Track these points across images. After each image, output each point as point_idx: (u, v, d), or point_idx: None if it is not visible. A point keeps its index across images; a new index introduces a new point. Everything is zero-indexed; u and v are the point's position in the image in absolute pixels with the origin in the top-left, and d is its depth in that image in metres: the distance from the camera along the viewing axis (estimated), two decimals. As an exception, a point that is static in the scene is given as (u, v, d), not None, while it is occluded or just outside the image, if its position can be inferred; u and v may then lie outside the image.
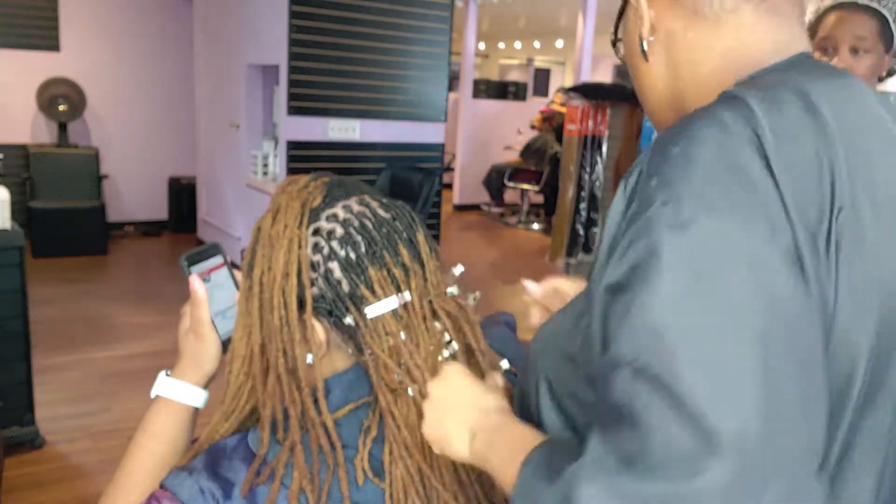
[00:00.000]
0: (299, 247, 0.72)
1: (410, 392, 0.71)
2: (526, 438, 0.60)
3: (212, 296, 0.83)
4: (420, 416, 0.71)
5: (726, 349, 0.45)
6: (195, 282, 0.81)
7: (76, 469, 2.65)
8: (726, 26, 0.63)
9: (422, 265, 0.75)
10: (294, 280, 0.71)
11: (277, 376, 0.72)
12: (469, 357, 0.76)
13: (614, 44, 0.75)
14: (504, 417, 0.65)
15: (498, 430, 0.63)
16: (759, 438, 0.43)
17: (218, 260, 0.86)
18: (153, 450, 0.78)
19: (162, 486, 0.71)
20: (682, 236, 0.48)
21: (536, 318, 0.89)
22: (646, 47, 0.66)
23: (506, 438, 0.62)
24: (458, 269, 0.78)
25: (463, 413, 0.65)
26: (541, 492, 0.51)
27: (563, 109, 5.78)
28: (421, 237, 0.76)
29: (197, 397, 0.80)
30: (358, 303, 0.72)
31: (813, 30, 1.64)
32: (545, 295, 0.89)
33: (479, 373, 0.76)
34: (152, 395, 0.80)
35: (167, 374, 0.81)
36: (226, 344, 0.82)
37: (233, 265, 0.87)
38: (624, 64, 0.74)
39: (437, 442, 0.67)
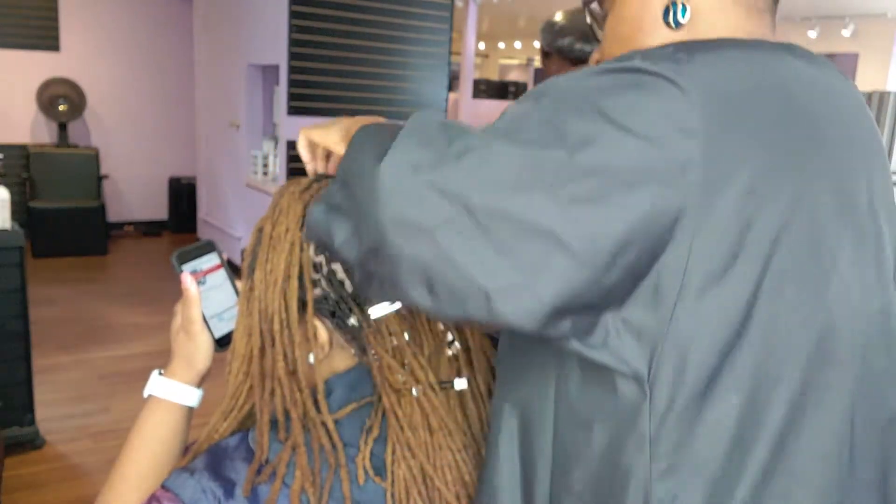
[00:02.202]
0: (301, 249, 0.72)
1: (415, 392, 0.71)
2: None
3: (208, 298, 0.82)
4: (424, 416, 0.71)
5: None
6: (187, 280, 0.81)
7: (76, 469, 2.65)
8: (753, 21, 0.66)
9: (424, 265, 0.75)
10: (295, 283, 0.71)
11: (277, 379, 0.72)
12: (468, 355, 0.76)
13: None
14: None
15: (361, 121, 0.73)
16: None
17: (214, 260, 0.85)
18: (147, 450, 0.78)
19: (164, 487, 0.71)
20: None
21: None
22: (682, 16, 0.65)
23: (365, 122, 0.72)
24: None
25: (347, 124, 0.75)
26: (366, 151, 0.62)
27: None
28: (423, 237, 0.76)
29: (190, 396, 0.80)
30: (361, 303, 0.72)
31: None
32: None
33: (476, 372, 0.76)
34: (145, 394, 0.80)
35: (160, 374, 0.81)
36: (220, 342, 0.82)
37: (230, 263, 0.87)
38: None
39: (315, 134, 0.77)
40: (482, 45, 12.76)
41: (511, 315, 0.53)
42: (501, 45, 13.11)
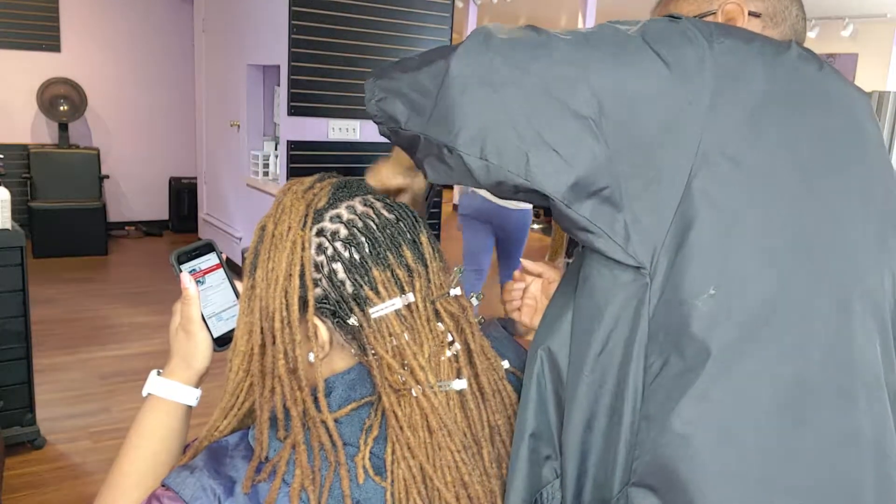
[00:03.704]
0: (302, 249, 0.72)
1: (414, 393, 0.71)
2: None
3: (206, 297, 0.82)
4: (423, 416, 0.71)
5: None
6: (186, 279, 0.81)
7: (76, 469, 2.65)
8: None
9: (425, 266, 0.75)
10: (296, 282, 0.71)
11: (278, 377, 0.72)
12: (469, 357, 0.76)
13: None
14: None
15: None
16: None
17: (213, 260, 0.85)
18: (146, 449, 0.78)
19: (164, 485, 0.71)
20: None
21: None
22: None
23: None
24: (457, 270, 0.78)
25: None
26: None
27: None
28: (424, 238, 0.76)
29: (188, 395, 0.80)
30: (362, 304, 0.72)
31: None
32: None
33: (477, 372, 0.76)
34: (144, 394, 0.80)
35: (158, 373, 0.81)
36: (219, 341, 0.82)
37: (230, 263, 0.87)
38: None
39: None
40: (482, 46, 12.77)
41: (542, 177, 0.64)
42: (502, 45, 13.12)
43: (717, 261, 0.63)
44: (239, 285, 0.84)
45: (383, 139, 0.80)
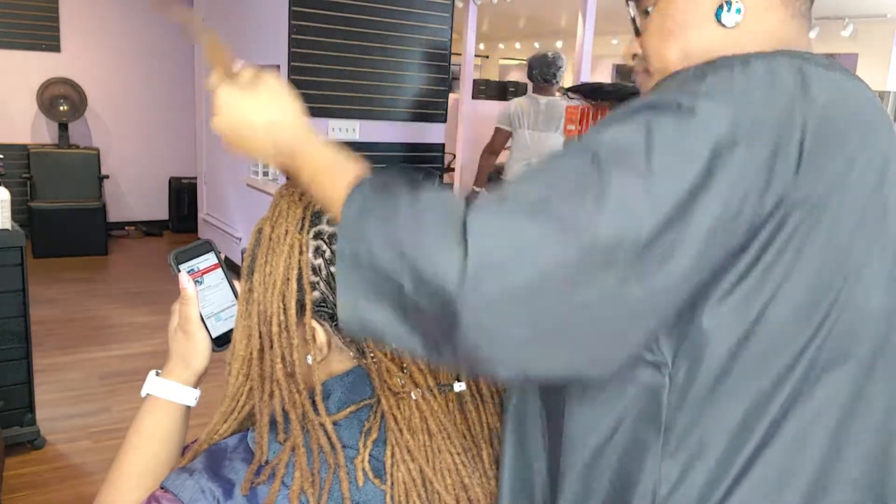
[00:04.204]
0: (300, 252, 0.72)
1: (413, 396, 0.71)
2: (337, 160, 0.67)
3: (205, 297, 0.82)
4: (422, 419, 0.71)
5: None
6: (184, 279, 0.81)
7: (76, 469, 2.65)
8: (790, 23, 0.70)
9: (423, 268, 0.75)
10: (294, 286, 0.71)
11: (276, 381, 0.72)
12: None
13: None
14: (302, 126, 0.71)
15: (300, 141, 0.69)
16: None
17: (211, 260, 0.85)
18: (146, 449, 0.78)
19: (163, 487, 0.71)
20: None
21: None
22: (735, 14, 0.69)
23: (313, 152, 0.68)
24: None
25: (261, 115, 0.71)
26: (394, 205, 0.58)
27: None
28: (422, 239, 0.76)
29: (187, 396, 0.80)
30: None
31: None
32: None
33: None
34: (142, 394, 0.80)
35: (157, 374, 0.81)
36: (218, 341, 0.82)
37: (230, 263, 0.87)
38: (639, 16, 0.75)
39: (232, 141, 0.72)
40: (482, 46, 12.77)
41: (594, 376, 0.60)
42: (501, 45, 13.11)
43: (745, 365, 0.59)
44: (238, 285, 0.84)
45: (384, 139, 0.78)
